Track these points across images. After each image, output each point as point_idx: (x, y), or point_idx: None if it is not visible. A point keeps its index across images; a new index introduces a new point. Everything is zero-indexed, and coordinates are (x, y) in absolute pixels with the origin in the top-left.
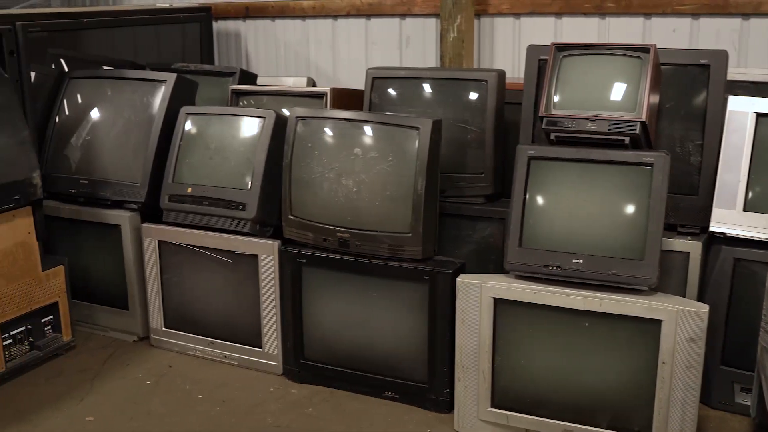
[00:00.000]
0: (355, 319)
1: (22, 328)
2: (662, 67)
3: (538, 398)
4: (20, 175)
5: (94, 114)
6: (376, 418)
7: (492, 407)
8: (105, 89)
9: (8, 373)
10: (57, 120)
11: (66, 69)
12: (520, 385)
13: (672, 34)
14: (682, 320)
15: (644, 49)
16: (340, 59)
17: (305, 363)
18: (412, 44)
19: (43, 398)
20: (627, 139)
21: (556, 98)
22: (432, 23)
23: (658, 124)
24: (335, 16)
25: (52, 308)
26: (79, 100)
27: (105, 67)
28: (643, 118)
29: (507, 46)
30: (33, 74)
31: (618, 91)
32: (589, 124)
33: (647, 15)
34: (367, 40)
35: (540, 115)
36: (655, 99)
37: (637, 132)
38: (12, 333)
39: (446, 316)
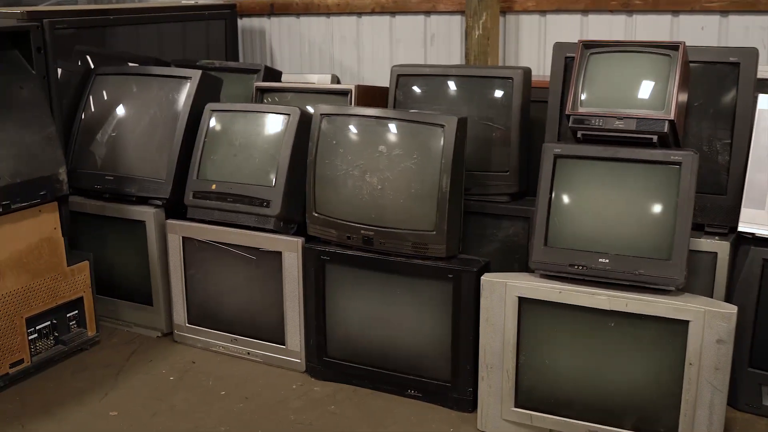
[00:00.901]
0: (379, 317)
1: (48, 323)
2: (691, 64)
3: (562, 398)
4: (46, 171)
5: (120, 110)
6: (399, 417)
7: (516, 407)
8: (130, 86)
9: (33, 367)
10: (83, 116)
11: (92, 65)
12: (545, 384)
13: (700, 31)
14: (709, 321)
15: (673, 46)
16: (365, 56)
17: (328, 360)
18: (436, 42)
19: (67, 393)
20: (655, 138)
21: (583, 96)
22: (457, 20)
23: (686, 122)
24: (360, 13)
25: (77, 303)
26: (105, 97)
27: (130, 64)
28: (672, 116)
29: (533, 43)
30: (60, 71)
31: (646, 89)
32: (617, 123)
33: (675, 12)
34: (392, 38)
35: (567, 113)
36: (684, 97)
37: (666, 130)
38: (37, 327)
39: (470, 314)
